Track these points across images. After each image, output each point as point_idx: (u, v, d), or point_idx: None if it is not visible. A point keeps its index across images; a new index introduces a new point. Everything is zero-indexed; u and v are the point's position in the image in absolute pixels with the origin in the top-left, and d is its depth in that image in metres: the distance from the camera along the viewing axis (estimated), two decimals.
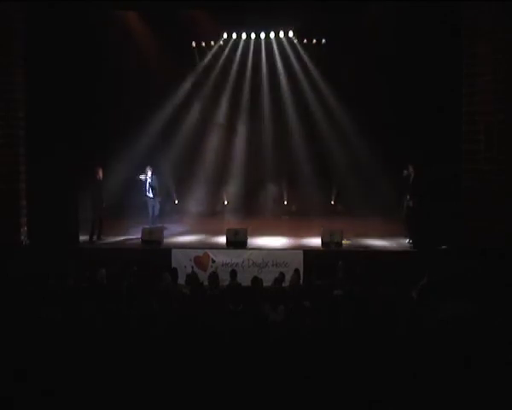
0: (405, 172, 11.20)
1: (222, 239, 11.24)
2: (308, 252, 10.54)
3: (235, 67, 14.47)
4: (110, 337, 5.22)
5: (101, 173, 11.72)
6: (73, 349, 4.97)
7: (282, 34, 13.98)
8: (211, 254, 10.66)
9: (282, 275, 8.62)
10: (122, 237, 11.99)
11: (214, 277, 8.87)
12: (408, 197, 11.24)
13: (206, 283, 8.79)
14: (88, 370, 4.69)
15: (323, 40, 13.88)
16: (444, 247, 10.62)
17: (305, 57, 14.18)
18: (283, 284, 8.44)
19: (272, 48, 14.26)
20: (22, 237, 11.17)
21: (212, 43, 14.18)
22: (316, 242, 11.16)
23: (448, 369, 4.57)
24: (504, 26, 10.29)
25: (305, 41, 14.09)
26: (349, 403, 4.39)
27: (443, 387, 4.41)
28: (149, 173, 12.56)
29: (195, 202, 14.46)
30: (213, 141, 14.60)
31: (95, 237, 11.64)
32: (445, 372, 4.53)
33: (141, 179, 12.52)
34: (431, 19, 10.83)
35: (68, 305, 6.32)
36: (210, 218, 14.21)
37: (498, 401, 4.30)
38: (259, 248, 10.91)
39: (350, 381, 4.55)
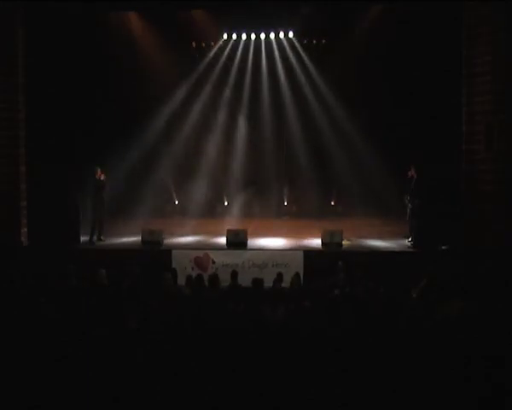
0: (409, 173, 11.24)
1: (222, 240, 11.23)
2: (308, 253, 10.53)
3: (235, 67, 14.47)
4: (110, 338, 5.22)
5: (100, 173, 11.69)
6: (73, 350, 4.96)
7: (282, 35, 13.98)
8: (211, 254, 10.64)
9: (281, 275, 8.61)
10: (122, 238, 11.98)
11: (214, 278, 8.85)
12: (408, 198, 11.27)
13: (206, 283, 8.78)
14: (88, 370, 4.68)
15: (323, 40, 13.92)
16: (444, 247, 10.62)
17: (305, 58, 14.18)
18: (282, 285, 8.43)
19: (272, 48, 14.26)
20: (22, 238, 11.18)
21: (212, 43, 14.19)
22: (316, 242, 11.15)
23: (448, 369, 4.57)
24: (504, 26, 10.29)
25: (305, 42, 14.11)
26: (349, 403, 4.39)
27: (443, 387, 4.41)
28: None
29: (196, 202, 14.44)
30: (213, 142, 14.59)
31: (95, 238, 11.63)
32: (445, 372, 4.52)
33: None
34: (431, 19, 10.84)
35: (68, 306, 6.32)
36: (210, 218, 14.20)
37: (498, 401, 4.30)
38: (260, 249, 10.90)
39: (350, 381, 4.55)
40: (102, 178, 11.64)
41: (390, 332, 5.33)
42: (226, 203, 15.17)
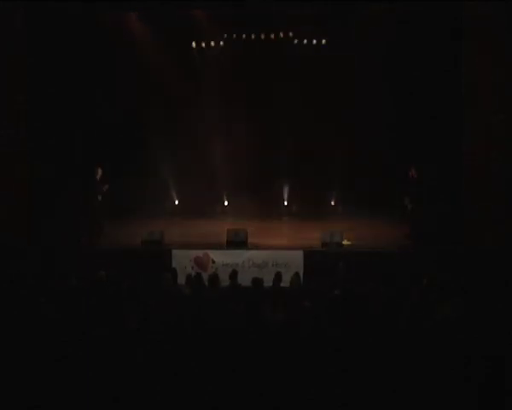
0: (409, 173, 11.24)
1: (222, 240, 11.23)
2: (308, 252, 10.53)
3: (235, 67, 14.45)
4: (110, 338, 5.22)
5: (100, 173, 11.68)
6: (73, 350, 4.96)
7: (282, 35, 13.97)
8: (211, 254, 10.65)
9: (279, 275, 8.61)
10: (122, 238, 11.96)
11: (215, 277, 8.85)
12: (408, 198, 11.27)
13: (205, 282, 8.78)
14: (88, 370, 4.68)
15: (323, 40, 13.91)
16: (443, 247, 10.62)
17: (306, 57, 14.16)
18: (282, 285, 8.43)
19: (272, 48, 14.24)
20: (22, 238, 11.16)
21: (213, 43, 14.18)
22: (316, 242, 11.15)
23: (448, 369, 4.57)
24: (504, 27, 10.30)
25: (305, 41, 14.10)
26: (349, 403, 4.39)
27: (443, 387, 4.41)
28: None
29: (195, 202, 14.42)
30: (214, 141, 14.57)
31: (94, 239, 11.61)
32: (445, 372, 4.53)
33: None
34: (431, 19, 10.85)
35: (68, 306, 6.32)
36: (210, 218, 14.19)
37: (498, 401, 4.30)
38: (260, 249, 10.91)
39: (350, 381, 4.55)
40: (103, 178, 11.63)
41: (390, 332, 5.33)
42: (226, 203, 15.17)
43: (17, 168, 11.16)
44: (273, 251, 10.77)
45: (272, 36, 13.99)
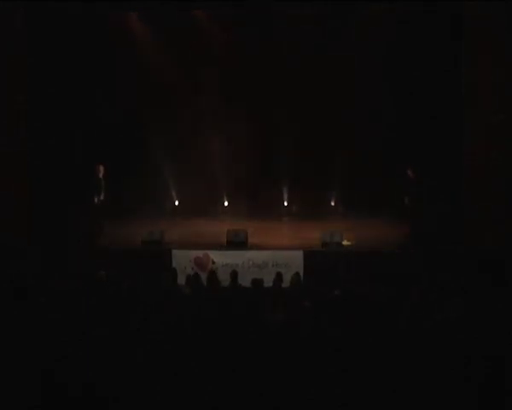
0: (409, 173, 11.23)
1: (222, 240, 11.23)
2: (308, 252, 10.53)
3: (235, 67, 14.43)
4: (110, 338, 5.22)
5: (102, 171, 11.66)
6: (73, 350, 4.97)
7: (282, 35, 13.95)
8: (211, 254, 10.64)
9: (280, 275, 8.61)
10: (122, 238, 11.97)
11: (214, 277, 8.85)
12: (407, 199, 11.27)
13: (204, 282, 8.77)
14: (88, 370, 4.68)
15: (323, 40, 13.88)
16: (443, 247, 10.62)
17: (306, 57, 14.14)
18: (282, 285, 8.43)
19: (272, 48, 14.23)
20: (22, 238, 11.17)
21: (213, 43, 14.16)
22: (316, 242, 11.15)
23: (448, 369, 4.57)
24: (504, 27, 10.31)
25: (305, 41, 14.06)
26: (349, 403, 4.39)
27: (443, 387, 4.41)
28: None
29: (195, 202, 14.42)
30: (214, 141, 14.57)
31: (94, 238, 11.61)
32: (445, 372, 4.53)
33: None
34: (431, 19, 10.85)
35: (68, 306, 6.32)
36: (210, 219, 14.19)
37: (498, 400, 4.30)
38: (260, 249, 10.90)
39: (350, 381, 4.55)
40: (103, 177, 11.63)
41: (390, 332, 5.33)
42: (226, 203, 15.16)
43: (17, 168, 11.16)
44: (273, 251, 10.77)
45: (272, 36, 13.98)
